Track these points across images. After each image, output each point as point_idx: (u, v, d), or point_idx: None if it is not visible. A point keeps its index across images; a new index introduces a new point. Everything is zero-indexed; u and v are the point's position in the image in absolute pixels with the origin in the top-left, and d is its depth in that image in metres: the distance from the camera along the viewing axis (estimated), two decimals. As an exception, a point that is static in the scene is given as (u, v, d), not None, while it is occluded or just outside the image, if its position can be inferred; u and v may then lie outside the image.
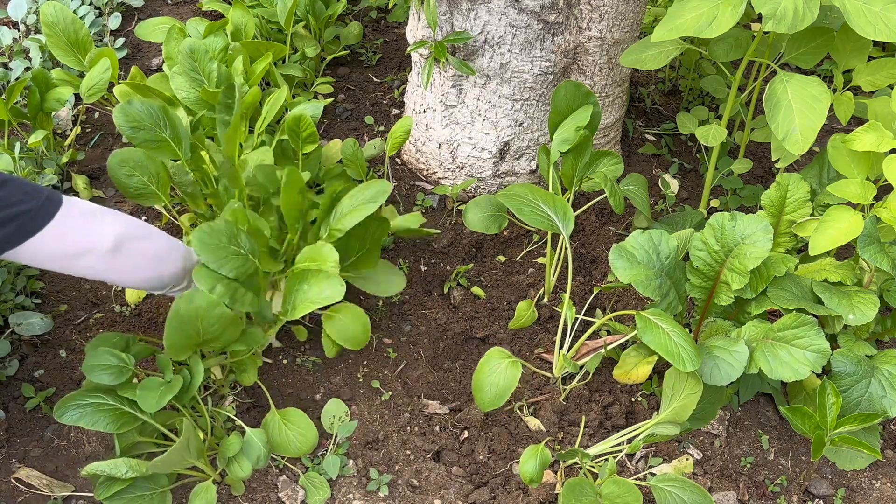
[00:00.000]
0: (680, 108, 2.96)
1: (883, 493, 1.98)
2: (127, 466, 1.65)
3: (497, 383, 1.82)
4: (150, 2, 3.19)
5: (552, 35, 2.24)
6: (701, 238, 1.89)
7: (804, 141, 1.93)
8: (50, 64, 2.72)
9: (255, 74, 2.25)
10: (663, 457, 1.98)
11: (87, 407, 1.66)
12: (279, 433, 1.88)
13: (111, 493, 1.69)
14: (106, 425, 1.65)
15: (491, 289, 2.32)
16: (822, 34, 2.18)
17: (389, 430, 1.99)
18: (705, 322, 1.97)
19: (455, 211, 2.49)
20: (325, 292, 1.73)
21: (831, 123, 2.94)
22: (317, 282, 1.75)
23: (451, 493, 1.88)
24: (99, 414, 1.66)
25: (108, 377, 1.69)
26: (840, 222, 1.82)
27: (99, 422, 1.65)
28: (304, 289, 1.76)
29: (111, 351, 1.71)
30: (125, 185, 1.94)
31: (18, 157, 2.22)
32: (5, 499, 1.77)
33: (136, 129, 1.89)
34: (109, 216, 1.61)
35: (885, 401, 1.83)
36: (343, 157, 2.28)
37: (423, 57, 2.39)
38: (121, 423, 1.67)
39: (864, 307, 1.79)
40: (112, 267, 1.61)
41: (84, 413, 1.65)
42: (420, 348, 2.17)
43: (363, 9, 3.24)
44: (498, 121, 2.39)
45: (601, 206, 2.53)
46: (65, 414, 1.64)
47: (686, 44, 2.20)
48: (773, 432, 2.08)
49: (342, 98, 2.87)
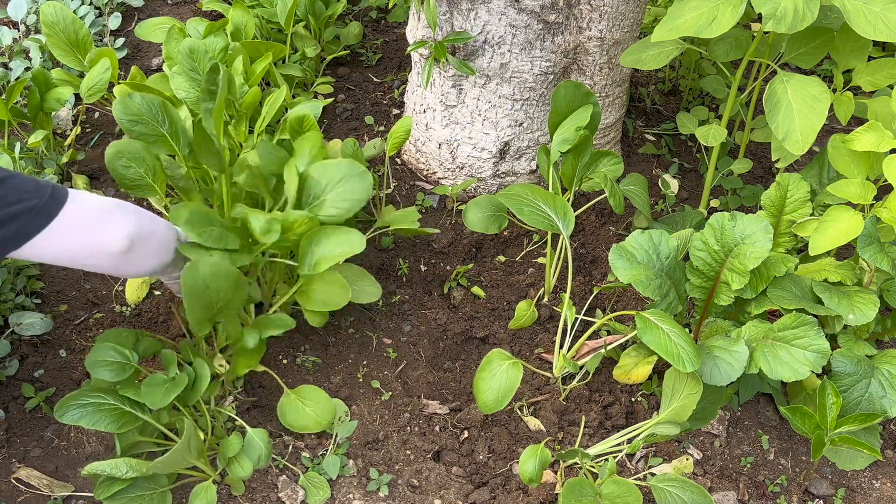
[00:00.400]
0: (680, 108, 2.96)
1: (883, 493, 1.98)
2: (127, 466, 1.64)
3: (499, 385, 1.82)
4: (150, 2, 3.19)
5: (552, 35, 2.24)
6: (701, 238, 1.89)
7: (804, 141, 1.93)
8: (50, 64, 2.72)
9: (255, 74, 2.25)
10: (663, 457, 1.98)
11: (88, 407, 1.66)
12: (296, 411, 1.89)
13: (111, 493, 1.68)
14: (107, 425, 1.65)
15: (491, 289, 2.32)
16: (822, 34, 2.18)
17: (389, 430, 1.99)
18: (705, 322, 1.97)
19: (455, 211, 2.49)
20: (342, 246, 1.76)
21: (831, 123, 2.94)
22: (335, 235, 1.77)
23: (451, 493, 1.88)
24: (100, 414, 1.66)
25: (110, 374, 1.69)
26: (840, 222, 1.82)
27: (100, 421, 1.65)
28: (322, 243, 1.78)
29: (115, 347, 1.72)
30: (122, 177, 1.94)
31: (18, 157, 2.22)
32: (5, 499, 1.77)
33: (135, 123, 1.89)
34: (118, 213, 1.57)
35: (885, 401, 1.83)
36: (343, 157, 2.28)
37: (423, 57, 2.40)
38: (122, 422, 1.68)
39: (864, 307, 1.79)
40: (122, 263, 1.60)
41: (85, 413, 1.65)
42: (420, 348, 2.17)
43: (363, 9, 3.24)
44: (498, 121, 2.39)
45: (601, 206, 2.53)
46: (66, 414, 1.64)
47: (686, 44, 2.20)
48: (773, 432, 2.08)
49: (342, 98, 2.87)
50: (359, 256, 2.32)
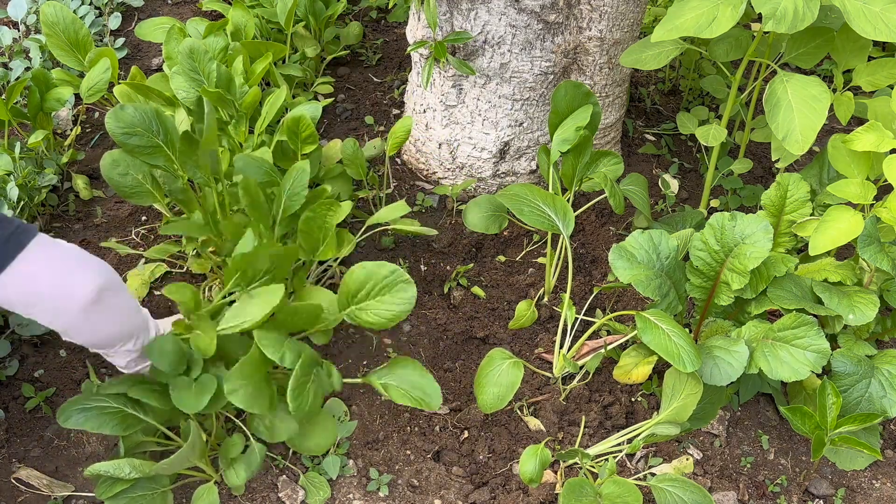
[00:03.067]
0: (680, 108, 2.96)
1: (883, 493, 1.98)
2: (130, 467, 1.64)
3: (499, 385, 1.83)
4: (150, 2, 3.20)
5: (552, 35, 2.24)
6: (701, 238, 1.89)
7: (804, 141, 1.93)
8: (50, 64, 2.72)
9: (255, 74, 2.25)
10: (663, 457, 1.98)
11: (92, 410, 1.64)
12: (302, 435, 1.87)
13: (113, 493, 1.68)
14: (112, 428, 1.64)
15: (491, 289, 2.32)
16: (822, 34, 2.18)
17: (389, 430, 1.99)
18: (705, 322, 1.97)
19: (455, 211, 2.49)
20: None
21: (831, 123, 2.94)
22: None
23: (451, 493, 1.88)
24: (104, 417, 1.64)
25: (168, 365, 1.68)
26: (840, 222, 1.82)
27: (104, 425, 1.63)
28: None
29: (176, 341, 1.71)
30: (120, 185, 1.93)
31: (18, 157, 2.22)
32: (5, 499, 1.77)
33: (129, 136, 1.84)
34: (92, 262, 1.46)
35: (885, 401, 1.83)
36: (343, 157, 2.28)
37: (423, 57, 2.40)
38: (126, 425, 1.66)
39: (864, 307, 1.79)
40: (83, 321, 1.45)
41: (88, 417, 1.63)
42: (420, 348, 2.17)
43: (363, 9, 3.25)
44: (498, 121, 2.39)
45: (601, 206, 2.53)
46: (69, 418, 1.61)
47: (686, 44, 2.20)
48: (773, 432, 2.08)
49: (342, 98, 2.87)
50: (359, 257, 2.33)
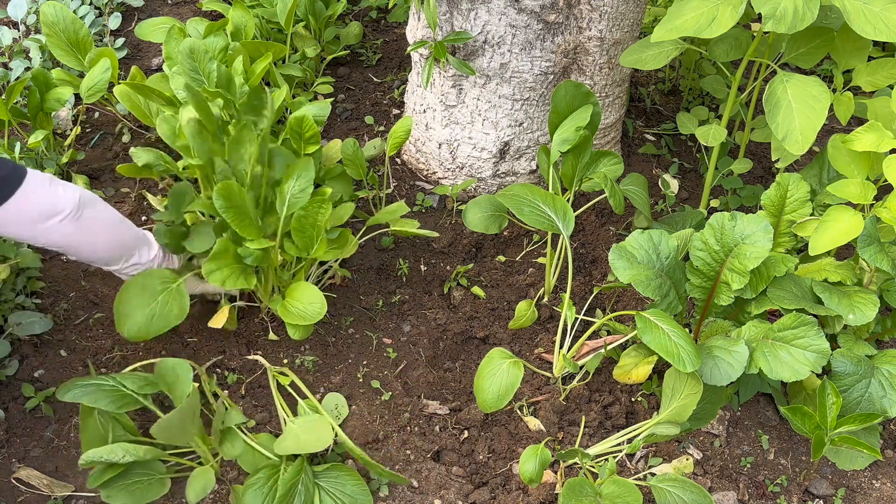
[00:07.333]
0: (680, 108, 2.96)
1: (883, 493, 1.98)
2: (124, 451, 1.67)
3: (499, 384, 1.83)
4: (150, 2, 3.19)
5: (552, 35, 2.24)
6: (701, 238, 1.89)
7: (804, 141, 1.93)
8: (50, 64, 2.72)
9: (255, 74, 2.25)
10: (663, 457, 1.98)
11: (90, 387, 1.73)
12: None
13: (105, 479, 1.70)
14: (107, 404, 1.71)
15: (491, 289, 2.32)
16: (822, 34, 2.18)
17: (389, 430, 1.99)
18: (705, 322, 1.97)
19: (455, 211, 2.49)
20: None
21: (831, 123, 2.94)
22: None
23: (451, 493, 1.88)
24: (101, 393, 1.72)
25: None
26: (840, 222, 1.82)
27: (100, 401, 1.71)
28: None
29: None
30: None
31: (18, 156, 2.22)
32: (5, 499, 1.77)
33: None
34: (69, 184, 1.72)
35: (885, 401, 1.83)
36: (343, 157, 2.28)
37: (423, 57, 2.40)
38: (120, 403, 1.73)
39: (864, 307, 1.79)
40: (77, 230, 1.70)
41: (86, 392, 1.71)
42: (420, 348, 2.17)
43: (363, 9, 3.24)
44: (498, 121, 2.39)
45: (601, 206, 2.53)
46: (69, 392, 1.70)
47: (686, 44, 2.20)
48: (773, 432, 2.08)
49: (342, 98, 2.87)
50: (359, 257, 2.33)
